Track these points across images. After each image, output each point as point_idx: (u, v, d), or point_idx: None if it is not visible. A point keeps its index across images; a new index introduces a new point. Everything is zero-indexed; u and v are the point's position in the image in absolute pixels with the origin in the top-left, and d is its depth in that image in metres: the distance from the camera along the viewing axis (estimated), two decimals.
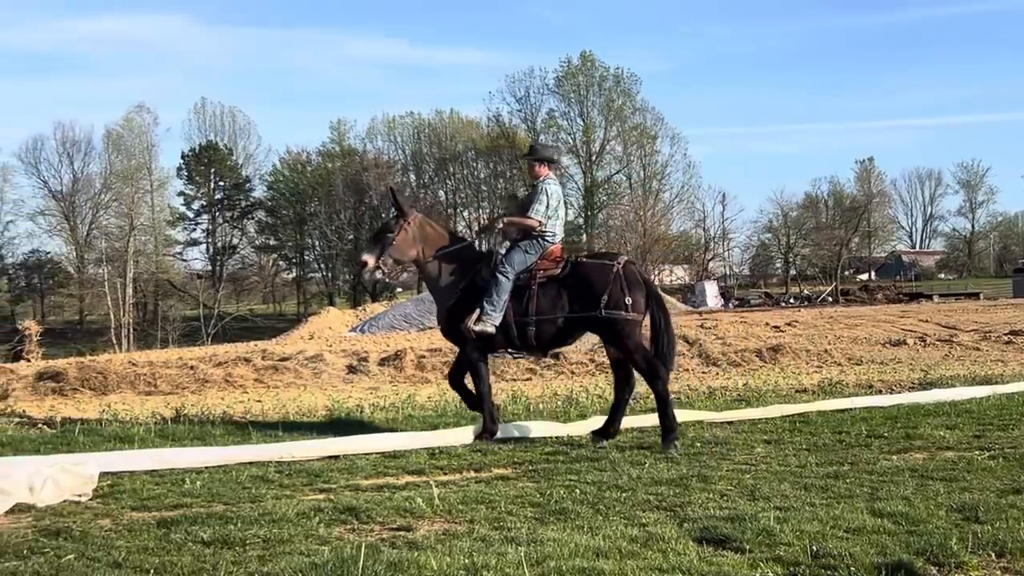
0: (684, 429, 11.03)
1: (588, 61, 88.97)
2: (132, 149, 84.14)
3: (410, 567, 5.56)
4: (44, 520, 7.01)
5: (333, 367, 19.72)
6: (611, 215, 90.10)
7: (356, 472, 8.83)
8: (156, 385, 17.34)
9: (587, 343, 25.86)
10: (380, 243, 11.04)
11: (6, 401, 15.67)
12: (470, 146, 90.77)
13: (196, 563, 5.75)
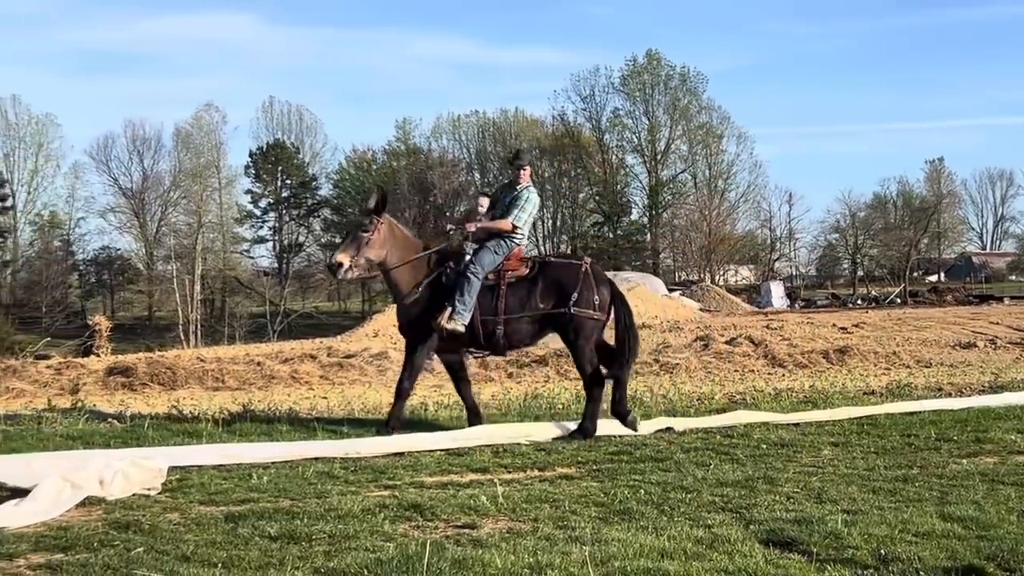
0: (750, 430, 10.98)
1: (654, 59, 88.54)
2: (201, 147, 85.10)
3: (475, 565, 5.58)
4: (114, 513, 7.11)
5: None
6: (676, 215, 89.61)
7: (420, 469, 8.87)
8: (224, 381, 17.54)
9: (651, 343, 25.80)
10: (355, 242, 10.93)
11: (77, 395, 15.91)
12: (535, 145, 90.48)
13: (263, 557, 5.81)
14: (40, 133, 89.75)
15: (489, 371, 19.35)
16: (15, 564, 5.79)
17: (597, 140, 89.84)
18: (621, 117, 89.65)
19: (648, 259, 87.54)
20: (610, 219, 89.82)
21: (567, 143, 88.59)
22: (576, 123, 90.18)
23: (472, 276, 10.83)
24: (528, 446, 9.99)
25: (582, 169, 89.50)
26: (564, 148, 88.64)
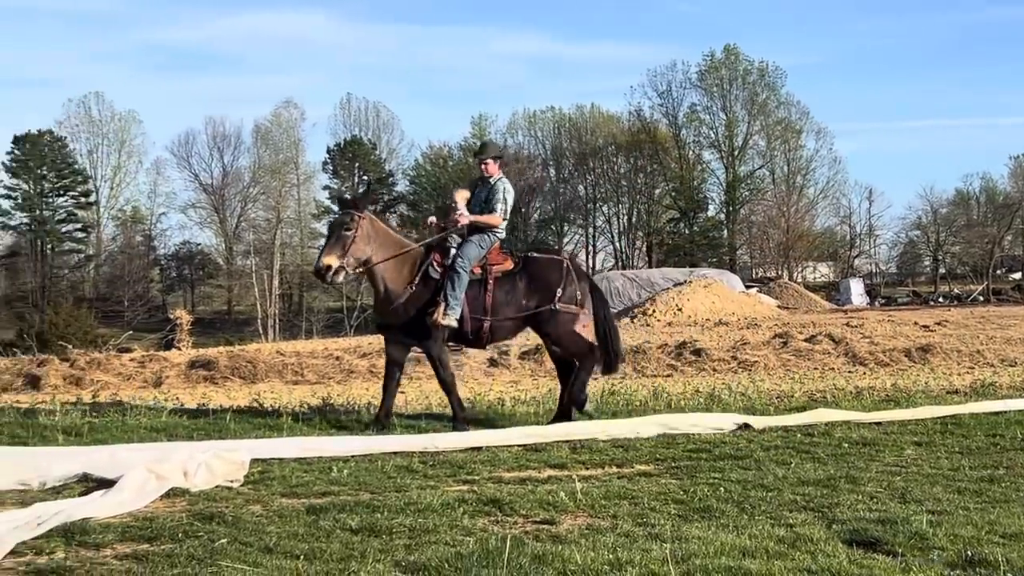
0: (831, 429, 10.85)
1: (732, 55, 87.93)
2: (280, 144, 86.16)
3: (554, 560, 5.56)
4: (198, 505, 7.20)
5: (474, 360, 19.87)
6: (753, 211, 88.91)
7: (498, 464, 8.88)
8: (303, 375, 17.72)
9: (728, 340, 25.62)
10: (340, 242, 10.71)
11: (160, 388, 16.18)
12: (610, 141, 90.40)
13: (344, 550, 5.84)
14: (123, 130, 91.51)
15: None
16: (102, 554, 5.88)
17: (673, 136, 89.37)
18: (698, 112, 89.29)
19: (725, 255, 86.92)
20: (686, 215, 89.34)
21: (643, 139, 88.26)
22: (652, 119, 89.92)
23: (461, 270, 10.84)
24: (606, 443, 9.95)
25: (658, 165, 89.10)
26: (640, 144, 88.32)
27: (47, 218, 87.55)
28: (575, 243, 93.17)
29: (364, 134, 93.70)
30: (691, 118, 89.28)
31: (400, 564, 5.58)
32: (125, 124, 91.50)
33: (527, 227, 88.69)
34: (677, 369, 19.20)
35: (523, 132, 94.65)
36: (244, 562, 5.56)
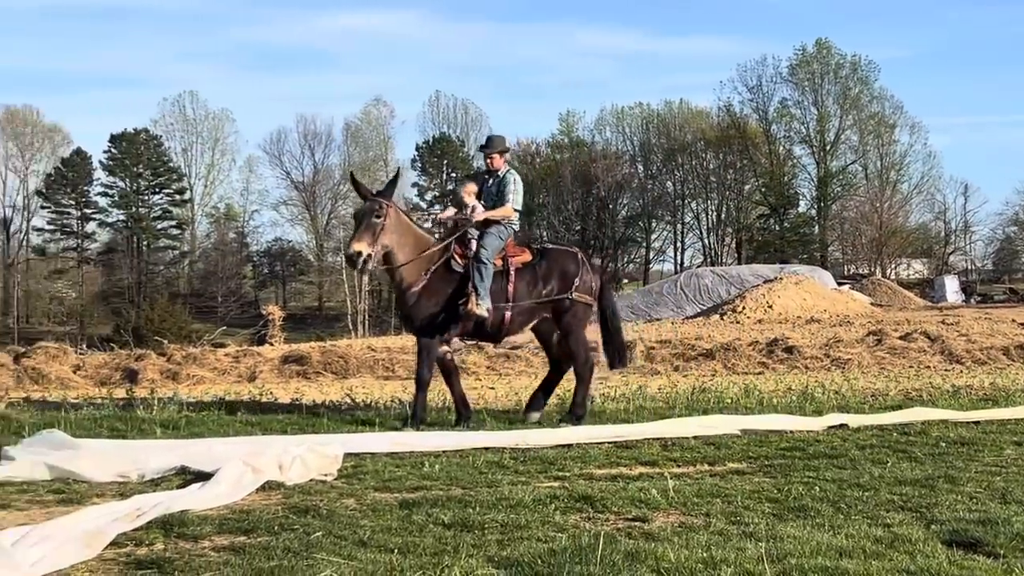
0: (927, 428, 10.67)
1: (824, 48, 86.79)
2: (369, 141, 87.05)
3: (647, 558, 5.53)
4: (293, 498, 7.29)
5: None
6: (845, 206, 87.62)
7: (589, 461, 8.86)
8: (394, 370, 17.84)
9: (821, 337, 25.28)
10: (370, 229, 10.62)
11: (253, 382, 16.41)
12: (699, 136, 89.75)
13: (437, 545, 5.87)
14: (216, 128, 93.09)
15: (655, 364, 19.25)
16: (200, 546, 5.97)
17: (764, 131, 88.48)
18: (789, 107, 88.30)
19: (816, 252, 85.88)
20: (776, 211, 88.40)
21: (733, 134, 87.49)
22: (742, 114, 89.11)
23: (487, 261, 10.87)
24: (697, 440, 9.89)
25: (748, 160, 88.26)
26: (730, 139, 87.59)
27: (143, 215, 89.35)
28: (663, 239, 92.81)
29: (452, 131, 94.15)
30: (782, 113, 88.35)
31: (493, 559, 5.59)
32: (219, 123, 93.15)
33: (614, 223, 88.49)
34: (768, 367, 19.00)
35: (611, 128, 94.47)
36: (339, 555, 5.61)
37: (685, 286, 49.19)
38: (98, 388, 15.12)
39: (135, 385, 15.56)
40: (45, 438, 9.05)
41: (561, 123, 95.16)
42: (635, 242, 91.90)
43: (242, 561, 5.53)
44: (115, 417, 11.17)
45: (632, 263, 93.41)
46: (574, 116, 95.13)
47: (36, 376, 16.26)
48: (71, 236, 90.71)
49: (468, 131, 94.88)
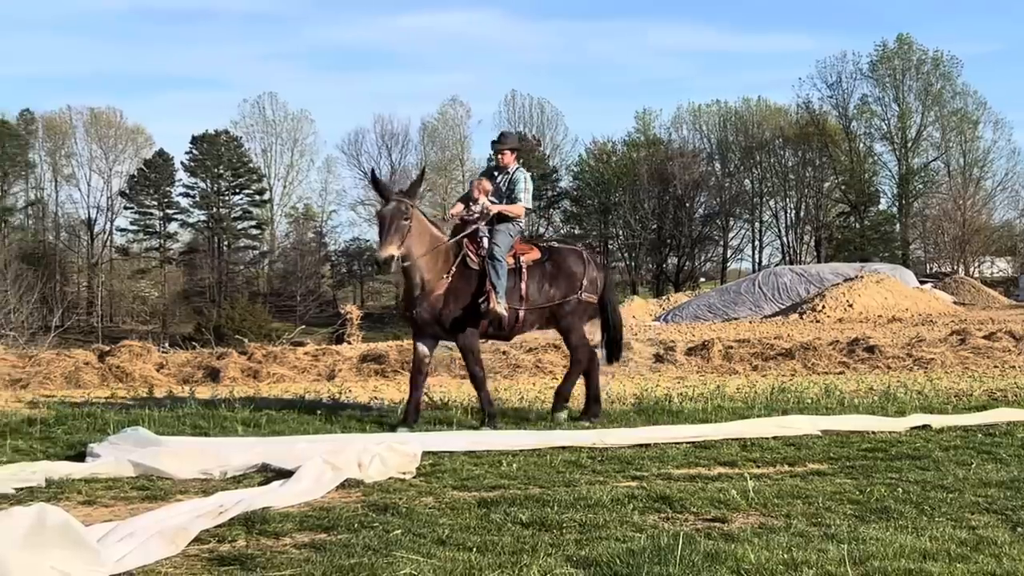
0: (1013, 429, 10.47)
1: (905, 44, 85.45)
2: (446, 141, 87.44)
3: (727, 559, 5.50)
4: (372, 496, 7.35)
5: (640, 356, 19.76)
6: (927, 204, 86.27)
7: (667, 461, 8.83)
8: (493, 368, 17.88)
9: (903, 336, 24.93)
10: (399, 232, 10.36)
11: (332, 380, 16.55)
12: (778, 134, 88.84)
13: (516, 544, 5.88)
14: (295, 129, 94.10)
15: (733, 363, 19.10)
16: (281, 542, 6.05)
17: (843, 128, 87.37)
18: (869, 104, 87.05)
19: (897, 250, 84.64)
20: (856, 209, 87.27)
21: (812, 131, 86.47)
22: (821, 111, 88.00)
23: (501, 258, 10.83)
24: (777, 441, 9.79)
25: (827, 158, 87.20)
26: (809, 136, 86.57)
27: (223, 215, 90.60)
28: (740, 238, 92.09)
29: (528, 130, 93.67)
30: (862, 110, 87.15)
31: (571, 559, 5.59)
32: (297, 123, 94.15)
33: (691, 222, 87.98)
34: (849, 367, 18.75)
35: (688, 126, 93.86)
36: (418, 553, 5.65)
37: (763, 285, 48.69)
38: (181, 386, 15.35)
39: (217, 383, 15.78)
40: (130, 435, 9.23)
41: (637, 121, 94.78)
42: (712, 240, 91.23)
43: (323, 558, 5.59)
44: (197, 415, 11.33)
45: (709, 262, 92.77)
46: (650, 114, 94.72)
47: (120, 374, 16.54)
48: (153, 236, 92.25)
49: (544, 130, 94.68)
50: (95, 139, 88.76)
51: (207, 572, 5.47)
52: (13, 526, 5.04)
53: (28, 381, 15.78)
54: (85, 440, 9.43)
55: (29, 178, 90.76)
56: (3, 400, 12.82)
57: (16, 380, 15.90)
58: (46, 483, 7.74)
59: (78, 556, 5.11)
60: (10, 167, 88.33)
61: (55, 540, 5.08)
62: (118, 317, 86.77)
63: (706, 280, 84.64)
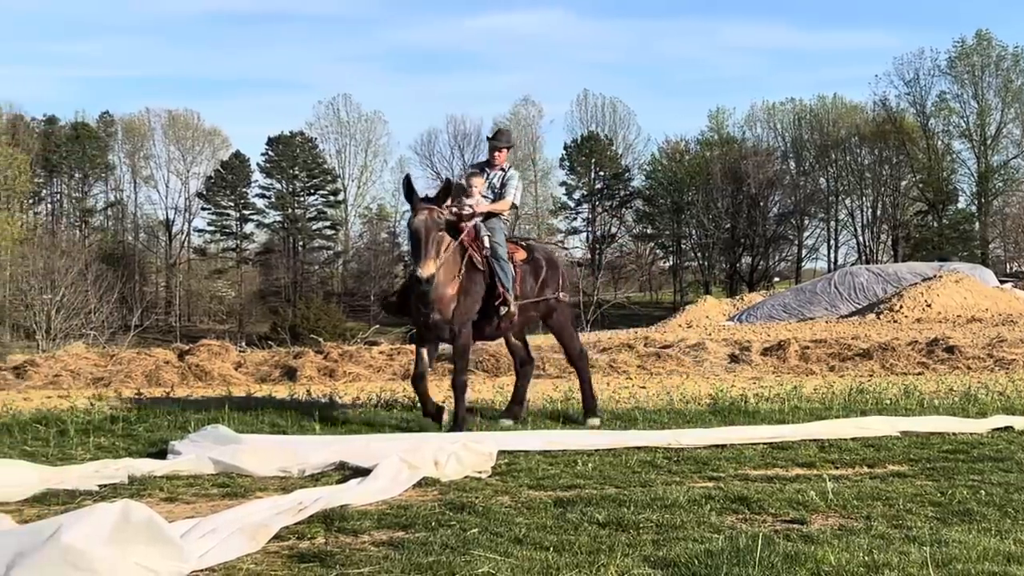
0: None
1: (984, 40, 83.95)
2: (518, 141, 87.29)
3: (807, 561, 5.45)
4: (449, 494, 7.39)
5: (715, 356, 19.64)
6: (1007, 202, 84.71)
7: (744, 462, 8.77)
8: (544, 368, 17.87)
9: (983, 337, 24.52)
10: (436, 246, 10.01)
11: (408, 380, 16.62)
12: (854, 132, 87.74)
13: (592, 543, 5.88)
14: (369, 130, 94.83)
15: (810, 364, 18.92)
16: (360, 540, 6.10)
17: (921, 125, 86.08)
18: (948, 101, 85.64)
19: (977, 249, 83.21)
20: (935, 207, 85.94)
21: (888, 129, 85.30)
22: (899, 108, 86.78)
23: (503, 257, 10.73)
24: (855, 442, 9.68)
25: (904, 156, 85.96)
26: (885, 134, 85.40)
27: (299, 216, 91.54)
28: (816, 237, 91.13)
29: (600, 130, 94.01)
30: (940, 107, 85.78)
31: (648, 559, 5.57)
32: (371, 124, 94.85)
33: (765, 221, 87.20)
34: (928, 367, 18.49)
35: (762, 124, 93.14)
36: (496, 552, 5.66)
37: (839, 284, 48.15)
38: (259, 385, 15.53)
39: (294, 382, 15.94)
40: (210, 433, 9.36)
41: (710, 120, 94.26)
42: (787, 240, 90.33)
43: (401, 556, 5.63)
44: (276, 413, 11.45)
45: (784, 261, 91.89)
46: (724, 112, 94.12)
47: (200, 373, 16.76)
48: (230, 237, 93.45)
49: (616, 129, 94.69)
50: (173, 141, 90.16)
51: (287, 569, 5.53)
52: (99, 522, 5.13)
53: (110, 380, 16.06)
54: (166, 438, 9.59)
55: (109, 180, 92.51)
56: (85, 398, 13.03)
57: (98, 379, 16.19)
58: (129, 480, 7.87)
59: (162, 552, 5.19)
60: (90, 169, 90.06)
61: (139, 536, 5.16)
62: (195, 317, 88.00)
63: (780, 280, 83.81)
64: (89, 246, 76.79)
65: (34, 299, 54.92)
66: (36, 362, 17.74)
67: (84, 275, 57.06)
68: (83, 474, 7.91)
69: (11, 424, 10.70)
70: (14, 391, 14.91)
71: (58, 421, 10.63)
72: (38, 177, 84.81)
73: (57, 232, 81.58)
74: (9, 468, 7.76)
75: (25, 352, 35.41)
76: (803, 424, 10.55)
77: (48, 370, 16.86)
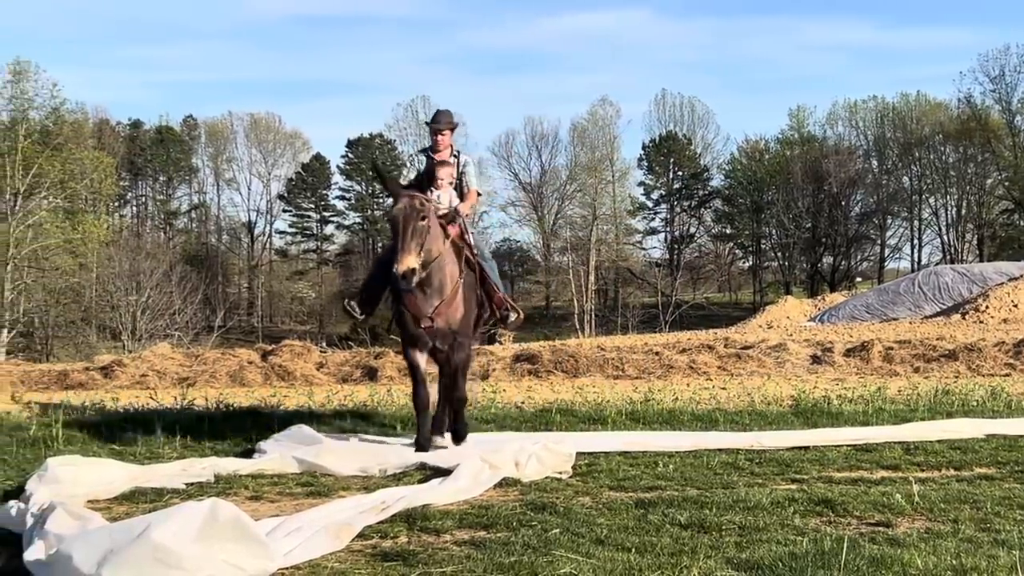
0: None
1: None
2: (596, 141, 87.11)
3: (893, 564, 5.38)
4: (530, 495, 7.40)
5: (796, 357, 19.47)
6: None
7: (827, 464, 8.68)
8: (623, 369, 17.87)
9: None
10: (417, 237, 8.60)
11: (487, 380, 16.70)
12: (938, 129, 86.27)
13: (675, 545, 5.85)
14: None
15: (893, 365, 18.67)
16: (442, 539, 6.13)
17: (1007, 123, 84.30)
18: None
19: None
20: (1021, 206, 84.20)
21: (973, 127, 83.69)
22: (983, 105, 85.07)
23: (489, 257, 10.17)
24: (941, 444, 9.53)
25: (990, 154, 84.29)
26: (970, 132, 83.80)
27: (378, 218, 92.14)
28: (899, 236, 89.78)
29: (679, 129, 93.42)
30: None
31: (731, 561, 5.54)
32: None
33: (847, 221, 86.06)
34: (1016, 368, 18.15)
35: (843, 123, 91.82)
36: (577, 552, 5.66)
37: (923, 284, 47.41)
38: (340, 385, 15.70)
39: (375, 382, 16.09)
40: (293, 433, 9.49)
41: (791, 118, 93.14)
42: (869, 239, 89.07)
43: (483, 556, 5.65)
44: (357, 413, 11.56)
45: (866, 261, 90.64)
46: (804, 111, 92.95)
47: (282, 373, 17.00)
48: (311, 238, 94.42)
49: (695, 129, 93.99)
50: (255, 144, 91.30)
51: (370, 567, 5.58)
52: (187, 520, 5.22)
53: (195, 379, 16.33)
54: (251, 437, 9.73)
55: (192, 182, 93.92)
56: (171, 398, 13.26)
57: (184, 378, 16.48)
58: (215, 478, 8.00)
59: (248, 550, 5.26)
60: (174, 172, 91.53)
61: (227, 534, 5.24)
62: (277, 317, 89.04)
63: (862, 280, 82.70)
64: (173, 248, 77.98)
65: (120, 300, 55.90)
66: (123, 362, 18.11)
67: (168, 276, 57.96)
68: (170, 472, 8.06)
69: (100, 423, 10.93)
70: (102, 391, 15.22)
71: (145, 420, 10.83)
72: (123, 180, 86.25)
73: (142, 234, 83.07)
74: (99, 467, 7.93)
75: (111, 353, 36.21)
76: (888, 426, 10.41)
77: (135, 370, 17.21)
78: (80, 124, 65.62)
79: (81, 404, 12.79)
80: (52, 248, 55.22)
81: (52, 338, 57.89)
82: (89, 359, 24.35)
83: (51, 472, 7.37)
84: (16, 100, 56.96)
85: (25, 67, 57.25)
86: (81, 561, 5.00)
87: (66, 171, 57.08)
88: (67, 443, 9.81)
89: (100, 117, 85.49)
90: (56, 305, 56.00)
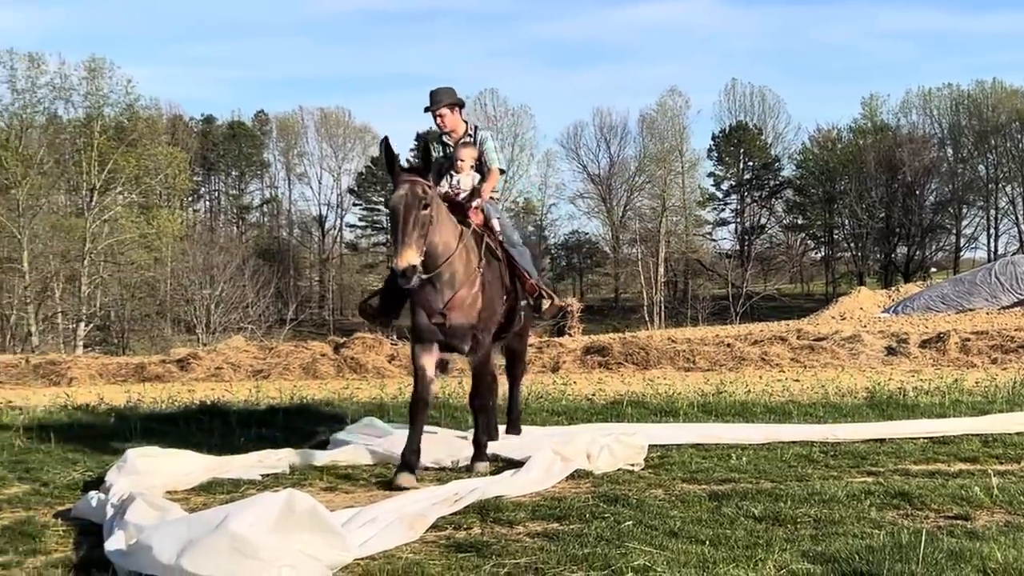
0: None
1: None
2: (665, 132, 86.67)
3: (972, 558, 5.30)
4: (602, 487, 7.40)
5: (871, 348, 19.23)
6: None
7: (904, 457, 8.58)
8: (694, 361, 17.78)
9: None
10: (418, 227, 7.73)
11: (557, 372, 16.71)
12: (1014, 117, 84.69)
13: (749, 538, 5.81)
14: (516, 124, 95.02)
15: (971, 356, 18.38)
16: (515, 531, 6.15)
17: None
18: None
19: None
20: None
21: None
22: None
23: (519, 242, 9.26)
24: (1020, 436, 9.38)
25: None
26: None
27: None
28: (975, 226, 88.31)
29: (749, 119, 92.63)
30: None
31: (807, 554, 5.49)
32: (518, 119, 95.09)
33: (921, 210, 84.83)
34: None
35: (917, 111, 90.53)
36: (651, 545, 5.65)
37: (1000, 274, 46.62)
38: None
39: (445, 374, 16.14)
40: (366, 425, 9.55)
41: (864, 107, 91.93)
42: (944, 229, 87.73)
43: (556, 547, 5.66)
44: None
45: (941, 251, 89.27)
46: (877, 99, 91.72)
47: (354, 365, 17.14)
48: (381, 232, 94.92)
49: (766, 119, 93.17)
50: (325, 138, 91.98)
51: (445, 558, 5.61)
52: (264, 511, 5.28)
53: (269, 372, 16.52)
54: (325, 429, 9.82)
55: (264, 177, 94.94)
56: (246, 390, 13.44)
57: (258, 371, 16.68)
58: (290, 469, 8.09)
59: (324, 540, 5.31)
60: (247, 167, 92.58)
61: (303, 524, 5.30)
62: (347, 310, 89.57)
63: (938, 270, 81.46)
64: (246, 242, 78.97)
65: (194, 294, 56.70)
66: (199, 355, 18.37)
67: (241, 270, 58.64)
68: (246, 464, 8.17)
69: (178, 415, 11.10)
70: (179, 383, 15.47)
71: (222, 412, 10.97)
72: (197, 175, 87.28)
73: (215, 228, 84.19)
74: (177, 458, 8.06)
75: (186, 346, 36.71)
76: (965, 418, 10.26)
77: (210, 363, 17.45)
78: (154, 120, 66.49)
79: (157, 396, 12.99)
80: (127, 243, 56.17)
81: (128, 331, 58.92)
82: (165, 352, 24.73)
83: (130, 463, 7.50)
84: (92, 97, 58.00)
85: (100, 64, 58.27)
86: (160, 551, 5.09)
87: (140, 167, 58.01)
88: (145, 434, 9.98)
89: (173, 113, 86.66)
90: (132, 299, 56.98)
